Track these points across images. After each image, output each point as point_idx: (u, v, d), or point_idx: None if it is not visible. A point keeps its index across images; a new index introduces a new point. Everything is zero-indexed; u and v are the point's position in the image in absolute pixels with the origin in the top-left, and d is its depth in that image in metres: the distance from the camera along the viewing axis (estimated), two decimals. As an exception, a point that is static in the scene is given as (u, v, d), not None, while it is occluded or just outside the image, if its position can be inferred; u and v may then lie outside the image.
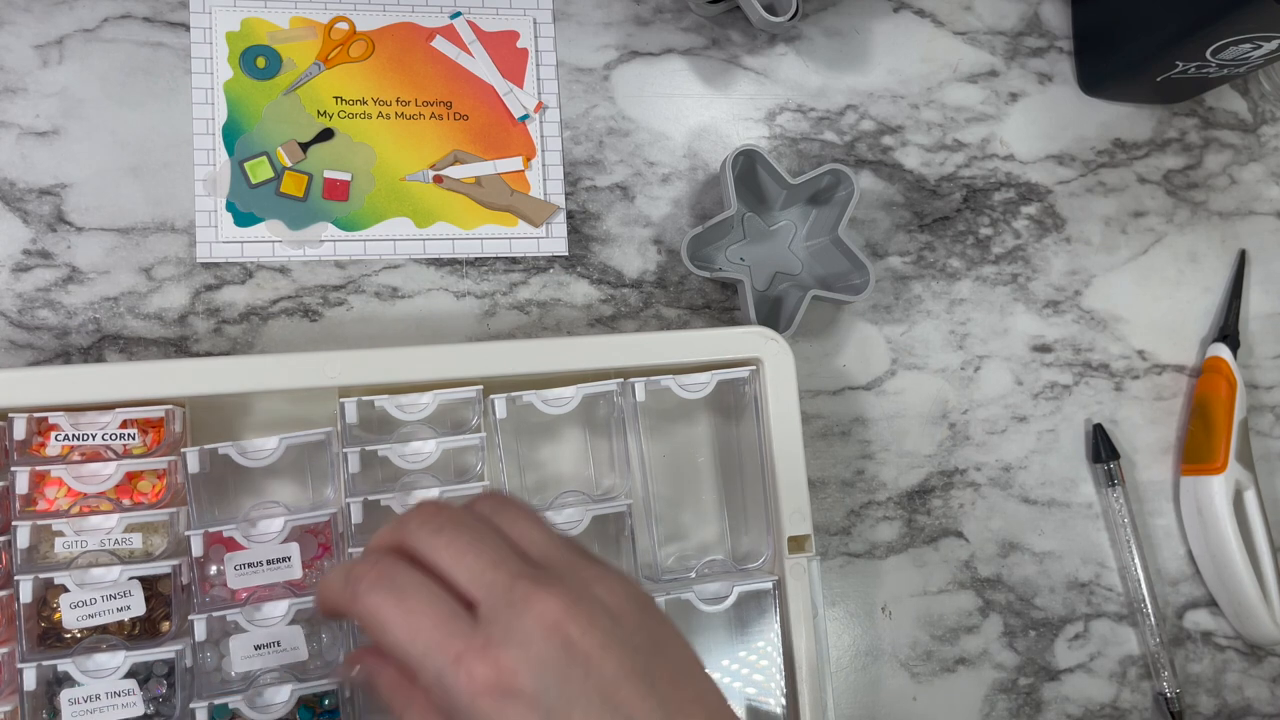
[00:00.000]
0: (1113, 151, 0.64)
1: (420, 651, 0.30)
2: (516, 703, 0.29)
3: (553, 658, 0.29)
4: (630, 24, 0.58)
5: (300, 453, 0.46)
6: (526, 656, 0.29)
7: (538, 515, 0.35)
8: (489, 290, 0.54)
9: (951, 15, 0.63)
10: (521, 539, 0.33)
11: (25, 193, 0.51)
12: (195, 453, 0.44)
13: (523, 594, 0.30)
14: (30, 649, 0.42)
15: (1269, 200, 0.66)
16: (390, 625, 0.31)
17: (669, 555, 0.53)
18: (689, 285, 0.57)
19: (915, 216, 0.60)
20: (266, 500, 0.48)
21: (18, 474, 0.43)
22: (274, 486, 0.49)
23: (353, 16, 0.55)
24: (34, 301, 0.50)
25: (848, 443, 0.57)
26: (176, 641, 0.43)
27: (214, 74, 0.53)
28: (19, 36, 0.52)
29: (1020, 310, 0.61)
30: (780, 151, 0.59)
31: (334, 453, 0.46)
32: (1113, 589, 0.59)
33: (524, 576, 0.31)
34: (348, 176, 0.54)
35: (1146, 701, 0.59)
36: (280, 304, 0.52)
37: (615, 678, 0.30)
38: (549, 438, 0.52)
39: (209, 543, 0.44)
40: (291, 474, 0.49)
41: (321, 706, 0.45)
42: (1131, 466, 0.61)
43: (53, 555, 0.43)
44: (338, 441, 0.46)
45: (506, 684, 0.29)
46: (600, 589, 0.32)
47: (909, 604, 0.56)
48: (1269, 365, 0.64)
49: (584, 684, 0.29)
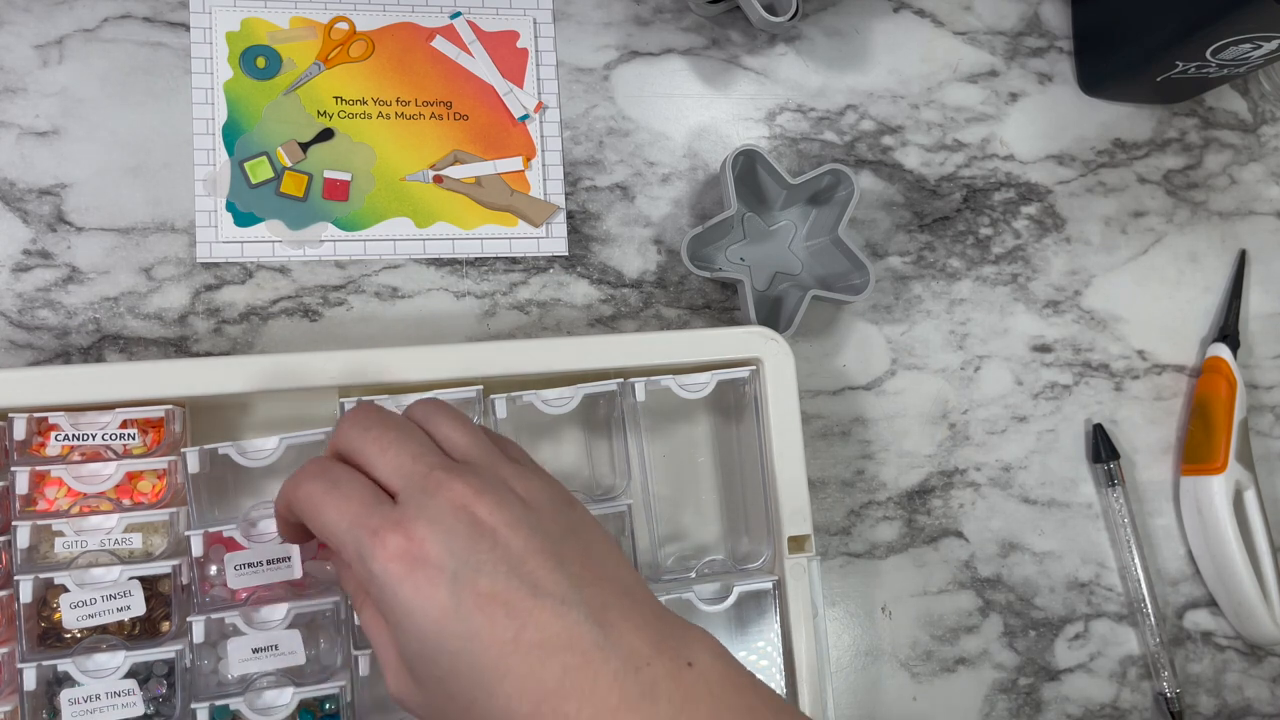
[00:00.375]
0: (1113, 151, 0.64)
1: (345, 529, 0.33)
2: (425, 568, 0.31)
3: (460, 530, 0.32)
4: (630, 24, 0.58)
5: (300, 453, 0.46)
6: (434, 529, 0.32)
7: (467, 419, 0.37)
8: (489, 290, 0.54)
9: (951, 15, 0.63)
10: (446, 439, 0.36)
11: (25, 193, 0.51)
12: (195, 453, 0.44)
13: (436, 481, 0.33)
14: (30, 649, 0.42)
15: (1269, 200, 0.66)
16: (322, 509, 0.34)
17: (669, 555, 0.53)
18: (689, 285, 0.57)
19: (915, 216, 0.60)
20: (266, 500, 0.48)
21: (18, 474, 0.43)
22: (274, 486, 0.48)
23: (353, 16, 0.55)
24: (34, 301, 0.50)
25: (848, 443, 0.57)
26: (176, 642, 0.43)
27: (214, 74, 0.53)
28: (19, 36, 0.52)
29: (1020, 310, 0.61)
30: (780, 151, 0.59)
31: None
32: (1113, 589, 0.59)
33: (440, 468, 0.33)
34: (348, 176, 0.54)
35: (1146, 701, 0.59)
36: (280, 304, 0.52)
37: (523, 552, 0.32)
38: (549, 438, 0.52)
39: (209, 543, 0.44)
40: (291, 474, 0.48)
41: (323, 710, 0.45)
42: (1131, 466, 0.61)
43: (53, 555, 0.43)
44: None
45: (415, 552, 0.31)
46: (517, 483, 0.34)
47: (909, 604, 0.56)
48: (1269, 365, 0.64)
49: (490, 554, 0.32)
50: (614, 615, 0.32)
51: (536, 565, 0.32)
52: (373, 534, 0.32)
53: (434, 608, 0.31)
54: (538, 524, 0.33)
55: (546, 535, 0.33)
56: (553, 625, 0.31)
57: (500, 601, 0.31)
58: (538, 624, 0.31)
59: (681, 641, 0.33)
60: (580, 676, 0.31)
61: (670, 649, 0.32)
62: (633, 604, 0.33)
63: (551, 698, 0.31)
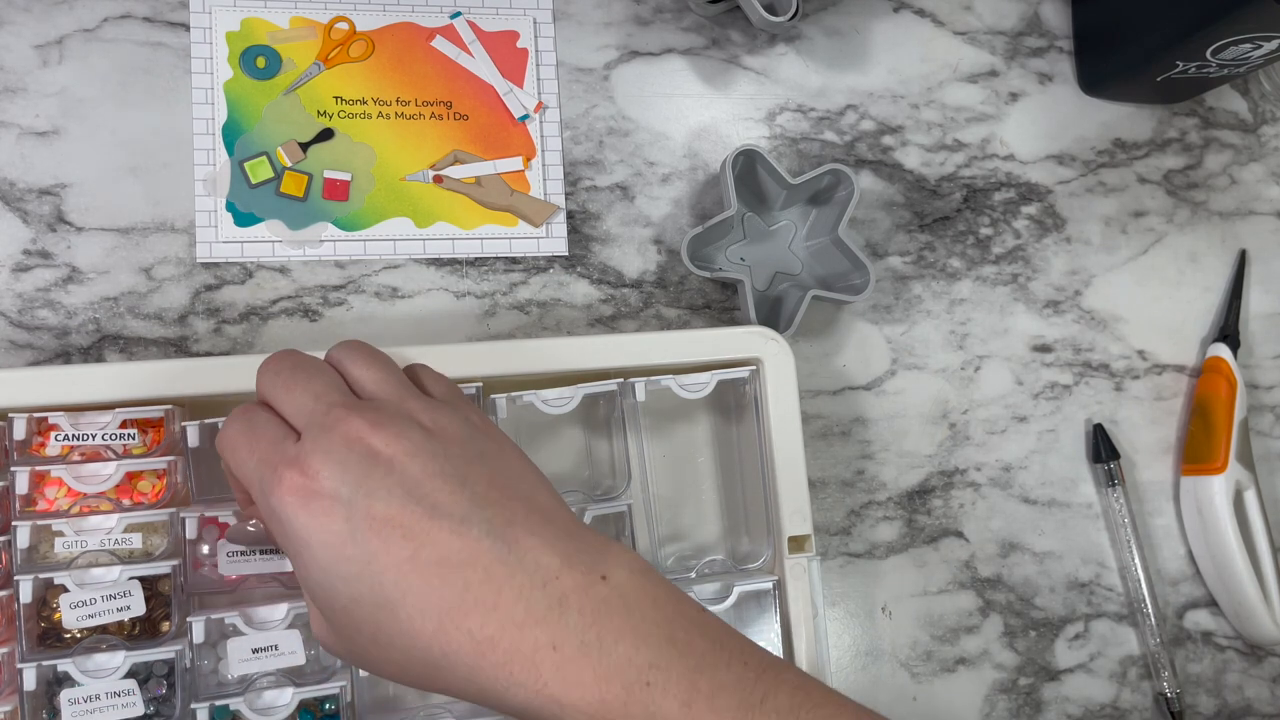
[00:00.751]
0: (1113, 151, 0.64)
1: (251, 469, 0.33)
2: (319, 499, 0.31)
3: (353, 461, 0.32)
4: (630, 24, 0.58)
5: None
6: (328, 460, 0.32)
7: (382, 359, 0.37)
8: (489, 290, 0.54)
9: (951, 15, 0.63)
10: (357, 379, 0.36)
11: (25, 193, 0.51)
12: (195, 427, 0.44)
13: (335, 418, 0.33)
14: (30, 649, 0.42)
15: (1269, 200, 0.66)
16: (236, 449, 0.34)
17: (669, 555, 0.53)
18: (689, 285, 0.57)
19: (915, 216, 0.60)
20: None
21: (18, 474, 0.43)
22: None
23: (353, 16, 0.55)
24: (34, 301, 0.50)
25: (848, 443, 0.57)
26: (176, 642, 0.43)
27: (214, 74, 0.53)
28: (19, 36, 0.52)
29: (1020, 310, 0.61)
30: (780, 151, 0.59)
31: None
32: (1113, 589, 0.59)
33: (340, 405, 0.33)
34: (348, 176, 0.54)
35: (1147, 702, 0.59)
36: (280, 304, 0.52)
37: (420, 476, 0.32)
38: (549, 438, 0.52)
39: (203, 525, 0.44)
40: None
41: (323, 710, 0.45)
42: (1132, 466, 0.61)
43: (53, 555, 0.43)
44: None
45: (310, 485, 0.31)
46: (423, 416, 0.34)
47: (909, 604, 0.56)
48: (1269, 365, 0.64)
49: (385, 480, 0.32)
50: (519, 531, 0.32)
51: (435, 488, 0.32)
52: (273, 470, 0.32)
53: (330, 536, 0.31)
54: (440, 450, 0.33)
55: (449, 459, 0.33)
56: (451, 543, 0.31)
57: (396, 524, 0.31)
58: (435, 542, 0.31)
59: (597, 556, 0.33)
60: (483, 591, 0.31)
61: (583, 563, 0.32)
62: (543, 521, 0.33)
63: (454, 613, 0.31)
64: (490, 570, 0.31)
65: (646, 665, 0.31)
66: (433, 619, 0.31)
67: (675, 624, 0.32)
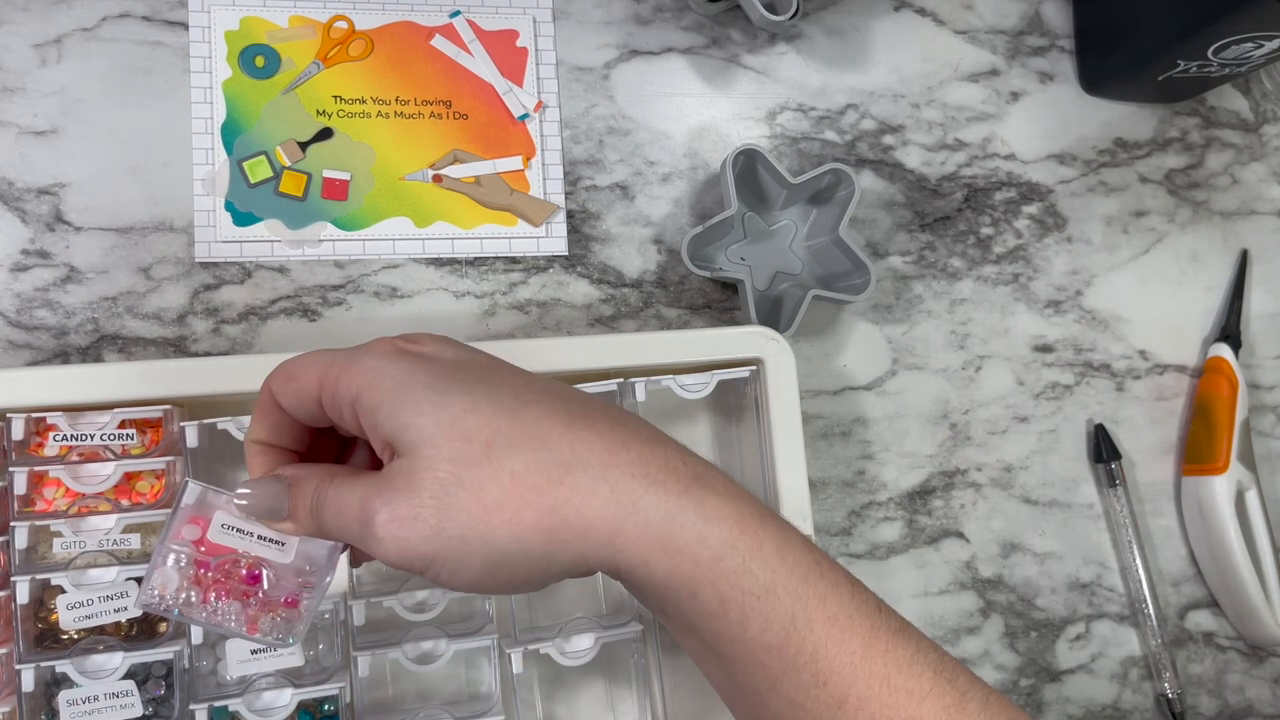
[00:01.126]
0: (1114, 151, 0.64)
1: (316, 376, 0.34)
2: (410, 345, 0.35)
3: (391, 354, 0.35)
4: (630, 23, 0.58)
5: None
6: (374, 357, 0.34)
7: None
8: (489, 290, 0.54)
9: (952, 14, 0.62)
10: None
11: (24, 192, 0.51)
12: (195, 427, 0.44)
13: (365, 346, 0.35)
14: (28, 650, 0.42)
15: (1270, 200, 0.65)
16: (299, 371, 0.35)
17: (669, 556, 0.52)
18: (689, 285, 0.57)
19: (916, 216, 0.60)
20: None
21: (16, 474, 0.43)
22: None
23: (352, 15, 0.55)
24: (32, 301, 0.50)
25: (848, 443, 0.57)
26: (174, 642, 0.43)
27: (213, 73, 0.53)
28: (18, 36, 0.51)
29: (1021, 310, 0.60)
30: (781, 151, 0.59)
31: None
32: (1114, 589, 0.59)
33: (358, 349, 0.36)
34: (347, 176, 0.53)
35: (1148, 702, 0.58)
36: (279, 304, 0.52)
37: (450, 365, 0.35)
38: (549, 438, 0.52)
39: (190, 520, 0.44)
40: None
41: (322, 711, 0.45)
42: (1133, 467, 0.60)
43: (51, 556, 0.43)
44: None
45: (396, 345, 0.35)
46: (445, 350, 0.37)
47: (910, 604, 0.56)
48: (1270, 365, 0.64)
49: (417, 362, 0.34)
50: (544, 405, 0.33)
51: (455, 373, 0.34)
52: (336, 377, 0.34)
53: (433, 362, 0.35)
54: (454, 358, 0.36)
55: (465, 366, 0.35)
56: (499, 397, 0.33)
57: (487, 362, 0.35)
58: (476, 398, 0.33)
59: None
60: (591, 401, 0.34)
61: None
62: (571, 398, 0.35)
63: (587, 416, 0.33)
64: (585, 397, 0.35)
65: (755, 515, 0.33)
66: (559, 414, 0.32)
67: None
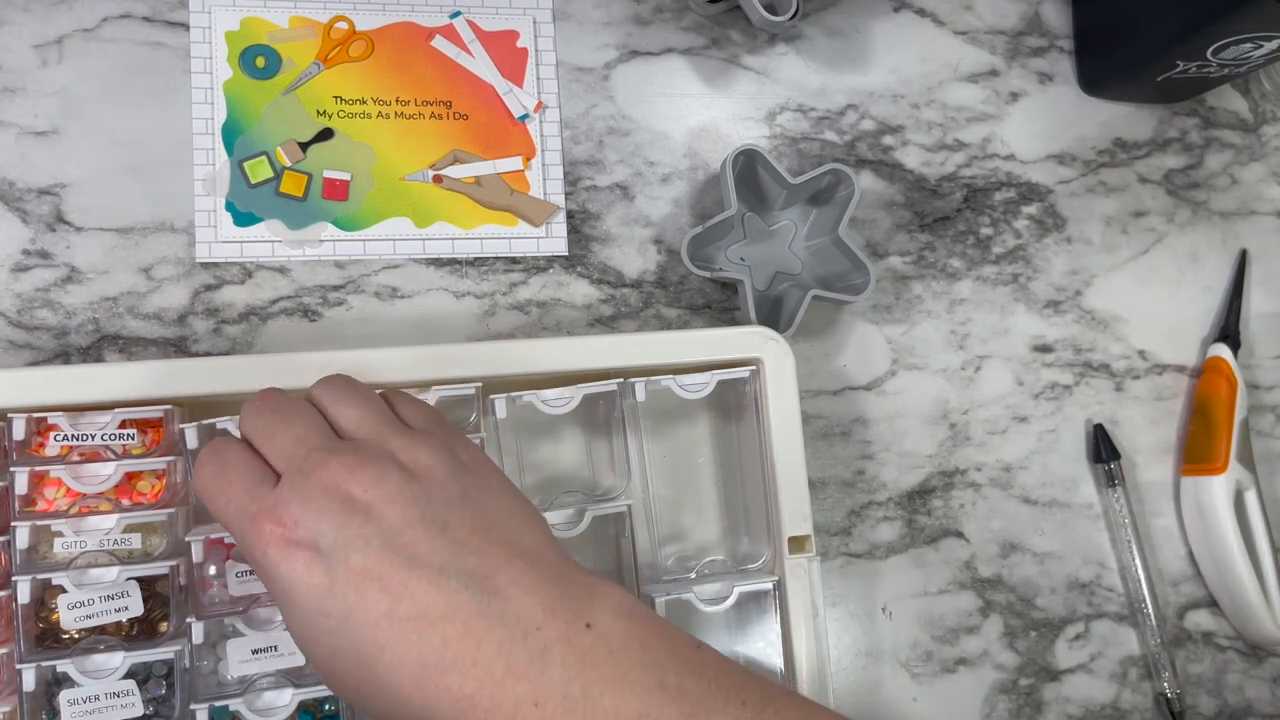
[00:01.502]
0: (1113, 151, 0.64)
1: (231, 515, 0.33)
2: (300, 551, 0.31)
3: (331, 509, 0.31)
4: (630, 23, 0.58)
5: None
6: (306, 509, 0.31)
7: (364, 393, 0.37)
8: (489, 290, 0.54)
9: (952, 15, 0.63)
10: (338, 418, 0.35)
11: (24, 192, 0.51)
12: (194, 428, 0.44)
13: (314, 463, 0.33)
14: (28, 650, 0.42)
15: (1270, 200, 0.66)
16: (212, 493, 0.34)
17: (669, 555, 0.52)
18: (689, 285, 0.57)
19: (916, 216, 0.60)
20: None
21: (17, 474, 0.43)
22: None
23: (352, 16, 0.55)
24: (33, 301, 0.50)
25: (848, 443, 0.57)
26: (175, 642, 0.43)
27: (213, 74, 0.53)
28: (18, 36, 0.51)
29: (1021, 310, 0.61)
30: (780, 151, 0.59)
31: None
32: (1113, 589, 0.59)
33: (320, 449, 0.33)
34: (347, 176, 0.54)
35: (1147, 702, 0.59)
36: (280, 304, 0.52)
37: (399, 524, 0.31)
38: (549, 438, 0.52)
39: (208, 546, 0.44)
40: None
41: (322, 711, 0.45)
42: (1132, 467, 0.60)
43: (52, 556, 0.43)
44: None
45: (289, 535, 0.31)
46: (404, 454, 0.34)
47: (909, 604, 0.56)
48: (1270, 365, 0.64)
49: (362, 529, 0.31)
50: (501, 580, 0.31)
51: (414, 537, 0.31)
52: (251, 520, 0.32)
53: (310, 588, 0.31)
54: (420, 494, 0.32)
55: (430, 504, 0.32)
56: (430, 596, 0.30)
57: (374, 576, 0.31)
58: (413, 595, 0.30)
59: (583, 602, 0.32)
60: (461, 647, 0.30)
61: (567, 610, 0.31)
62: (527, 566, 0.32)
63: (432, 670, 0.30)
64: (469, 624, 0.30)
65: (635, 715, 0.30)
66: (411, 675, 0.30)
67: (666, 668, 0.31)
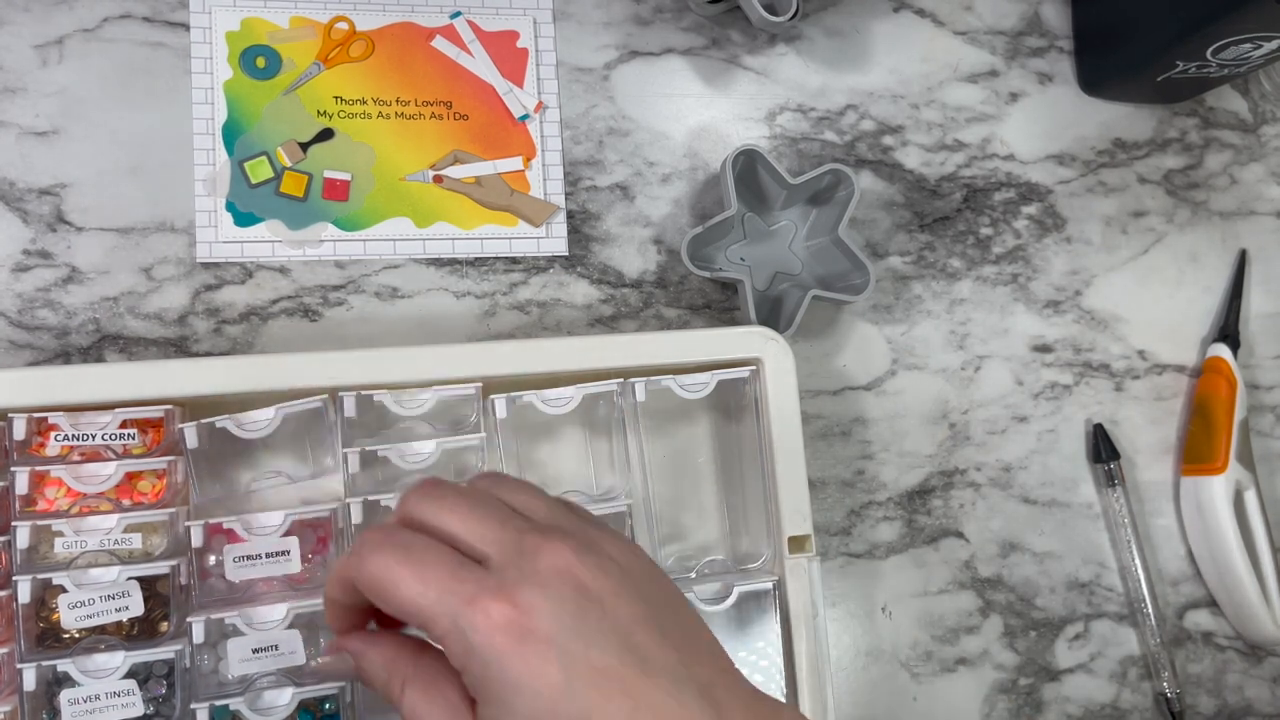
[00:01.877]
0: (1113, 151, 0.64)
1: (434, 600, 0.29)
2: (534, 641, 0.28)
3: (569, 597, 0.29)
4: (630, 24, 0.58)
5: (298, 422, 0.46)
6: (544, 595, 0.29)
7: (537, 487, 0.35)
8: (489, 290, 0.54)
9: (952, 15, 0.63)
10: (524, 506, 0.33)
11: (25, 192, 0.51)
12: (193, 428, 0.44)
13: (532, 544, 0.30)
14: (29, 649, 0.42)
15: (1269, 200, 0.66)
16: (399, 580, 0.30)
17: (669, 555, 0.52)
18: (689, 285, 0.57)
19: (915, 216, 0.60)
20: (268, 471, 0.48)
21: (17, 474, 0.43)
22: (274, 458, 0.49)
23: (352, 16, 0.55)
24: (34, 301, 0.50)
25: (848, 443, 0.57)
26: (175, 642, 0.43)
27: (214, 74, 0.53)
28: (19, 36, 0.52)
29: (1020, 310, 0.61)
30: (780, 151, 0.59)
31: (331, 420, 0.46)
32: (1113, 589, 0.59)
33: (532, 531, 0.31)
34: (347, 176, 0.54)
35: (1147, 702, 0.59)
36: (280, 304, 0.52)
37: (630, 621, 0.30)
38: (549, 438, 0.52)
39: (209, 533, 0.44)
40: (290, 444, 0.48)
41: (322, 710, 0.45)
42: (1132, 467, 0.61)
43: (52, 555, 0.43)
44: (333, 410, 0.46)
45: (524, 623, 0.28)
46: (609, 546, 0.32)
47: (909, 604, 0.56)
48: (1269, 365, 0.64)
49: (600, 624, 0.29)
50: (721, 694, 0.30)
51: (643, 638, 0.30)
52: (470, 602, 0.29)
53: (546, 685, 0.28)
54: (638, 591, 0.31)
55: (648, 602, 0.31)
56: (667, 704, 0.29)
57: (615, 678, 0.29)
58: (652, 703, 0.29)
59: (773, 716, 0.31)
60: None
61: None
62: (734, 681, 0.32)
63: None
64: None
65: None
66: None
67: None
